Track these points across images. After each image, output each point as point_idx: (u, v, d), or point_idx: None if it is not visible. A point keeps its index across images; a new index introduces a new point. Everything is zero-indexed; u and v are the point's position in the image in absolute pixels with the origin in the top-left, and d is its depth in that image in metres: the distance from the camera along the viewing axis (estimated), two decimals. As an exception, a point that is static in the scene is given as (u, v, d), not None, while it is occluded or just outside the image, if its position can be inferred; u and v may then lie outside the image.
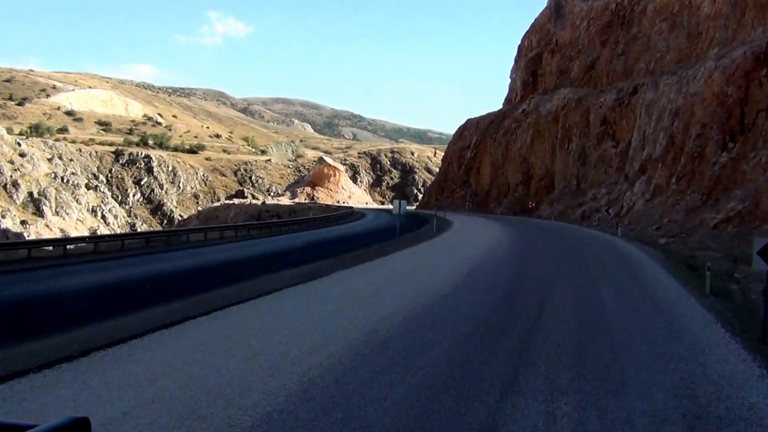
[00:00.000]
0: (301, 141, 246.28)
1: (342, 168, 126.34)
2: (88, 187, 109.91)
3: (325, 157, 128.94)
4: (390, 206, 58.00)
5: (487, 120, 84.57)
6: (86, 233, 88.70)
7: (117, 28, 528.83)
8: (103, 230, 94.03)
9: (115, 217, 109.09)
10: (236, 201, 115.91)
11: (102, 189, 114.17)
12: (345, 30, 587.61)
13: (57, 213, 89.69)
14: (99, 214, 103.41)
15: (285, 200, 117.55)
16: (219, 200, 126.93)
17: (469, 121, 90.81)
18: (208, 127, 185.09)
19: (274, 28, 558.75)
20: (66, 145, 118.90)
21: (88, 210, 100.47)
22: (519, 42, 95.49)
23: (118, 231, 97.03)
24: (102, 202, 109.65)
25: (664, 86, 47.70)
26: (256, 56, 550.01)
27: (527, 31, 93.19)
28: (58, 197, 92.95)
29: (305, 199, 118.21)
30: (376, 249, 22.10)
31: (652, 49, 66.06)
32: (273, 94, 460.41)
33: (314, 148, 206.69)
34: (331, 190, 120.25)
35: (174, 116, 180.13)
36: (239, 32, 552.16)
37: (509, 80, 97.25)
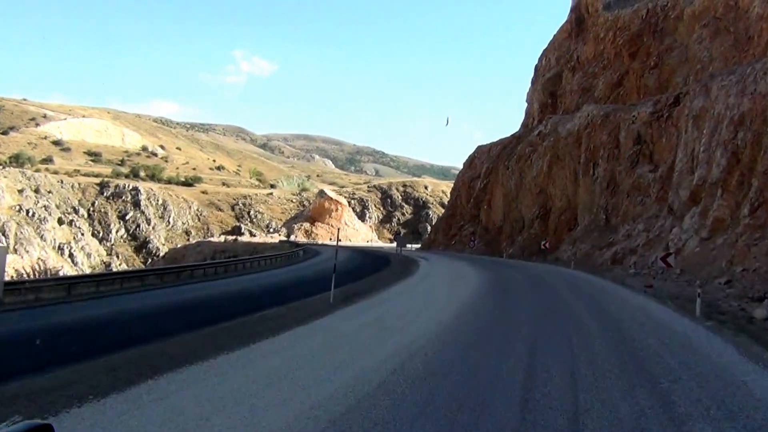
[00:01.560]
0: (317, 176, 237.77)
1: (345, 202, 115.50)
2: (60, 221, 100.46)
3: (326, 190, 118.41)
4: (394, 244, 47.34)
5: (499, 146, 73.37)
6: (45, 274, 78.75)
7: (144, 66, 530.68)
8: (67, 270, 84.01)
9: (88, 255, 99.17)
10: (224, 238, 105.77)
11: (78, 224, 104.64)
12: (369, 67, 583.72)
13: (15, 251, 79.77)
14: (66, 251, 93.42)
15: (280, 237, 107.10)
16: (213, 236, 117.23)
17: (479, 148, 79.66)
18: (214, 160, 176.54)
19: (298, 66, 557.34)
20: (46, 176, 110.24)
21: (54, 247, 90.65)
22: (536, 62, 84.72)
23: (87, 271, 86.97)
24: (74, 238, 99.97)
25: (719, 89, 36.19)
26: (280, 94, 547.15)
27: (545, 49, 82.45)
28: (18, 233, 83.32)
29: (303, 236, 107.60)
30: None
31: (691, 59, 54.80)
32: (295, 131, 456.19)
33: (331, 183, 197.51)
34: (332, 226, 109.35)
35: (178, 148, 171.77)
36: (264, 71, 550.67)
37: (525, 104, 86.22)
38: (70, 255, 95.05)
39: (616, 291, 23.44)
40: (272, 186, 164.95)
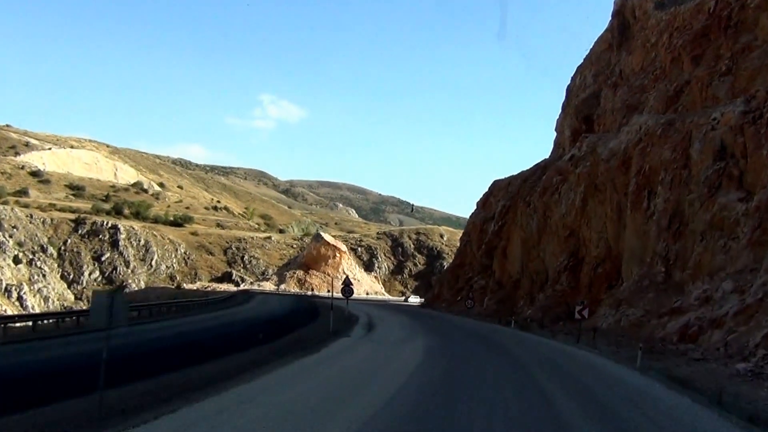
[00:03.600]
0: (336, 224, 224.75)
1: (344, 248, 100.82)
2: (17, 260, 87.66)
3: (323, 234, 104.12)
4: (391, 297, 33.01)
5: (519, 179, 58.53)
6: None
7: (171, 109, 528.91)
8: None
9: (45, 298, 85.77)
10: (199, 285, 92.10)
11: (40, 264, 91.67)
12: (397, 117, 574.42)
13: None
14: (15, 294, 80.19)
15: (269, 285, 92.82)
16: (200, 282, 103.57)
17: (496, 183, 64.88)
18: (218, 201, 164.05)
19: (328, 113, 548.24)
20: (13, 209, 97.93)
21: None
22: (568, 83, 70.42)
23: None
24: (30, 279, 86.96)
25: None
26: (308, 139, 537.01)
27: (579, 66, 68.29)
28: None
29: (294, 285, 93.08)
30: None
31: (778, 62, 39.92)
32: (320, 178, 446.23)
33: (349, 232, 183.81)
34: (328, 274, 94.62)
35: (180, 187, 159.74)
36: (293, 116, 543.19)
37: (554, 134, 71.60)
38: (19, 298, 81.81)
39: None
40: (281, 231, 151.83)
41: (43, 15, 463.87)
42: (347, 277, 34.89)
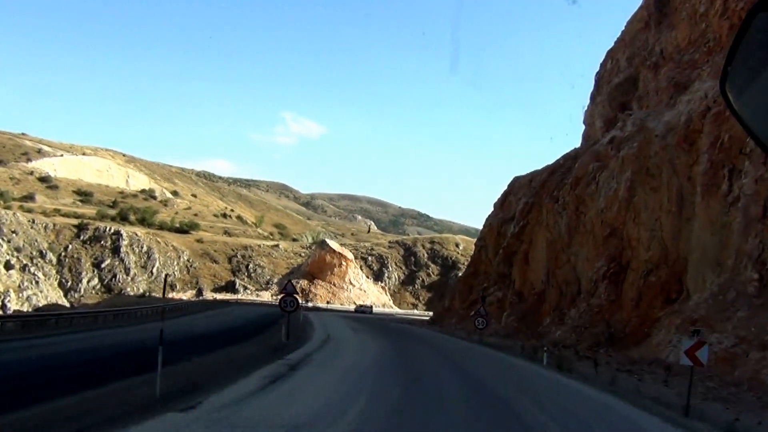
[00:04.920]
0: (352, 234, 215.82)
1: (351, 256, 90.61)
2: (8, 266, 79.18)
3: (328, 241, 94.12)
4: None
5: (545, 173, 48.05)
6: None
7: (198, 126, 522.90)
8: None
9: (34, 307, 77.04)
10: (190, 294, 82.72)
11: (34, 270, 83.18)
12: (416, 130, 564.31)
13: None
14: (-1, 301, 71.83)
15: (266, 296, 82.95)
16: (200, 291, 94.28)
17: (516, 180, 54.48)
18: (232, 210, 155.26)
19: (347, 128, 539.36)
20: (15, 213, 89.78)
21: (-19, 296, 69.94)
22: (598, 70, 59.94)
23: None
24: (20, 286, 78.37)
25: None
26: (328, 154, 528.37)
27: (610, 50, 57.85)
28: None
29: (296, 296, 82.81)
30: None
31: None
32: (340, 191, 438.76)
33: (366, 242, 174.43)
34: (334, 284, 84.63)
35: (194, 195, 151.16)
36: (313, 132, 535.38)
37: (583, 127, 61.17)
38: (3, 306, 73.22)
39: None
40: (294, 240, 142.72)
41: (79, 32, 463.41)
42: (289, 282, 24.64)
